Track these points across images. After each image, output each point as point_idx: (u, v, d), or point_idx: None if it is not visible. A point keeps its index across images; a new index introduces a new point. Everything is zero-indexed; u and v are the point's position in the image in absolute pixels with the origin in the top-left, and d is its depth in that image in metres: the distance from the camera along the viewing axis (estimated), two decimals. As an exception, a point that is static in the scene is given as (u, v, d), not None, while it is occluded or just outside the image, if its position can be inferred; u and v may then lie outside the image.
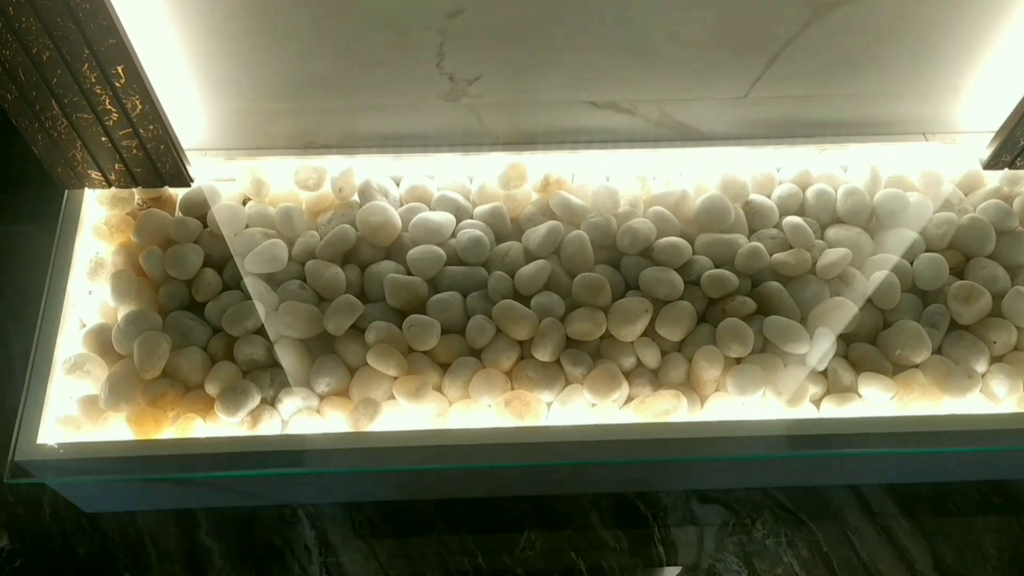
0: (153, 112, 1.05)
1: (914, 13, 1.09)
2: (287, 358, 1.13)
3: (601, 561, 1.22)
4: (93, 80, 0.99)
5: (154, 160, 1.14)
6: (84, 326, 1.17)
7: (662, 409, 1.09)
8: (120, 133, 1.08)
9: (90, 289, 1.19)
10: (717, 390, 1.14)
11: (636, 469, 1.21)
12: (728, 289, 1.18)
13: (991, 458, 1.22)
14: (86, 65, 0.97)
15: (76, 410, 1.10)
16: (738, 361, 1.15)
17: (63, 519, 1.23)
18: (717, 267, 1.21)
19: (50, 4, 0.88)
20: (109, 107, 1.03)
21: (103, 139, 1.09)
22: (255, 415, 1.08)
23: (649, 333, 1.17)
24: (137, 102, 1.03)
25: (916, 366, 1.15)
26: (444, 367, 1.15)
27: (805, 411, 1.11)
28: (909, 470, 1.26)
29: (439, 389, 1.14)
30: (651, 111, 1.23)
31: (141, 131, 1.08)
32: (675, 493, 1.27)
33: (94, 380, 1.11)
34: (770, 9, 1.07)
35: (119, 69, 0.98)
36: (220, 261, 1.21)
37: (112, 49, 0.95)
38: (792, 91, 1.21)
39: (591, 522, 1.25)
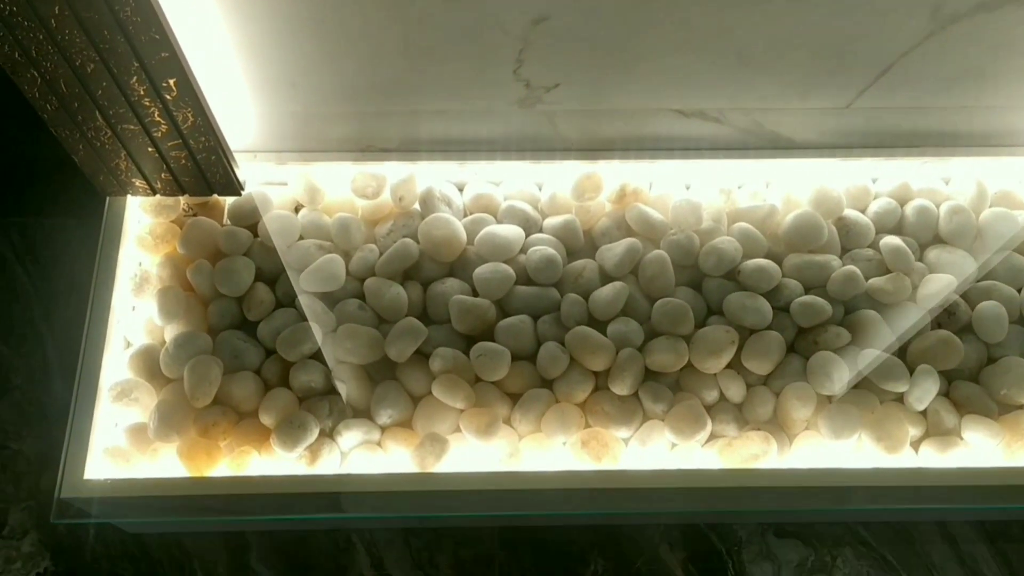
0: (205, 124, 0.96)
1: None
2: (346, 386, 1.06)
3: (671, 597, 1.16)
4: (142, 93, 0.90)
5: (203, 170, 1.05)
6: (129, 345, 1.10)
7: (751, 454, 1.02)
8: (169, 144, 0.99)
9: (134, 305, 1.11)
10: (807, 429, 1.06)
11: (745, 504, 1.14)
12: (821, 318, 1.08)
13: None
14: (135, 78, 0.88)
15: (124, 440, 1.03)
16: (830, 398, 1.07)
17: (108, 541, 1.17)
18: (807, 292, 1.12)
19: (96, 16, 0.78)
20: (158, 119, 0.94)
21: (149, 149, 1.00)
22: (314, 449, 1.02)
23: (734, 365, 1.08)
24: (189, 114, 0.94)
25: (1023, 407, 1.06)
26: (513, 397, 1.08)
27: (904, 458, 1.03)
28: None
29: (508, 422, 1.06)
30: (740, 119, 1.13)
31: (191, 142, 0.99)
32: (750, 526, 1.20)
33: (142, 407, 1.04)
34: (888, 20, 0.96)
35: (171, 82, 0.88)
36: (272, 275, 1.13)
37: (164, 63, 0.86)
38: (899, 103, 1.10)
39: (661, 555, 1.18)
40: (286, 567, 1.17)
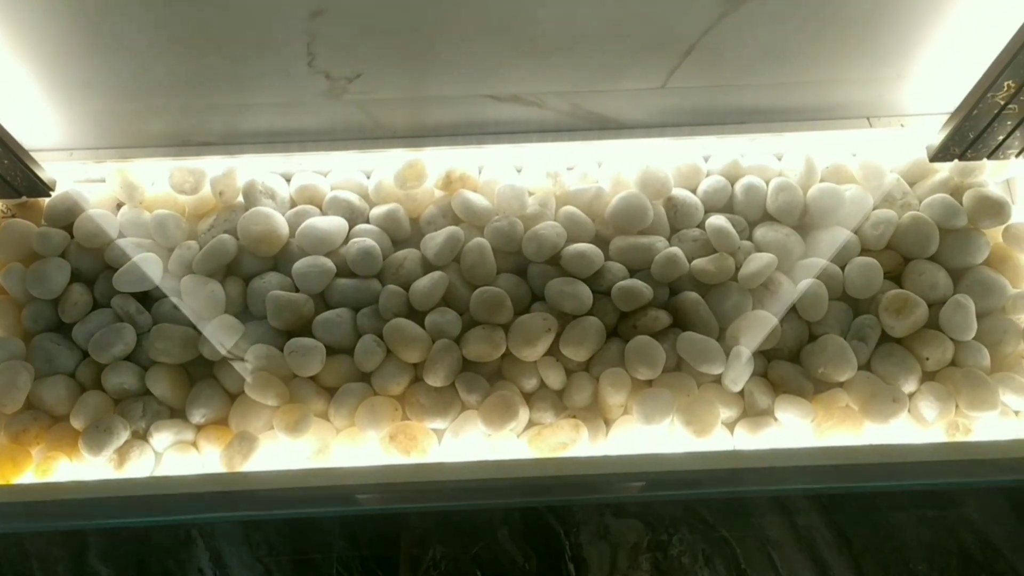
0: (-18, 129, 0.94)
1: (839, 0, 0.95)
2: (160, 386, 1.05)
3: (509, 581, 1.17)
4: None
5: (1, 173, 1.03)
6: (-55, 351, 1.09)
7: (559, 442, 1.02)
8: (-47, 150, 0.97)
9: (-50, 309, 1.10)
10: (625, 414, 1.06)
11: (554, 493, 1.14)
12: (641, 302, 1.08)
13: (920, 472, 1.14)
14: None
15: (-68, 449, 1.02)
16: (649, 383, 1.07)
17: (-54, 544, 1.18)
18: (632, 274, 1.11)
19: None
20: (-70, 126, 0.92)
21: (-64, 155, 0.98)
22: (122, 453, 1.01)
23: (554, 351, 1.08)
24: (-41, 121, 0.92)
25: (840, 385, 1.07)
26: (332, 392, 1.07)
27: (716, 440, 1.03)
28: (834, 482, 1.19)
29: (325, 417, 1.06)
30: (560, 103, 1.11)
31: (-25, 147, 0.97)
32: (589, 507, 1.21)
33: (-50, 416, 1.03)
34: (678, 3, 0.94)
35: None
36: (91, 276, 1.12)
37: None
38: (715, 80, 1.08)
39: (499, 539, 1.19)
40: (125, 564, 1.17)
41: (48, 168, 1.10)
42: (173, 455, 1.03)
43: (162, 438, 1.03)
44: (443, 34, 0.98)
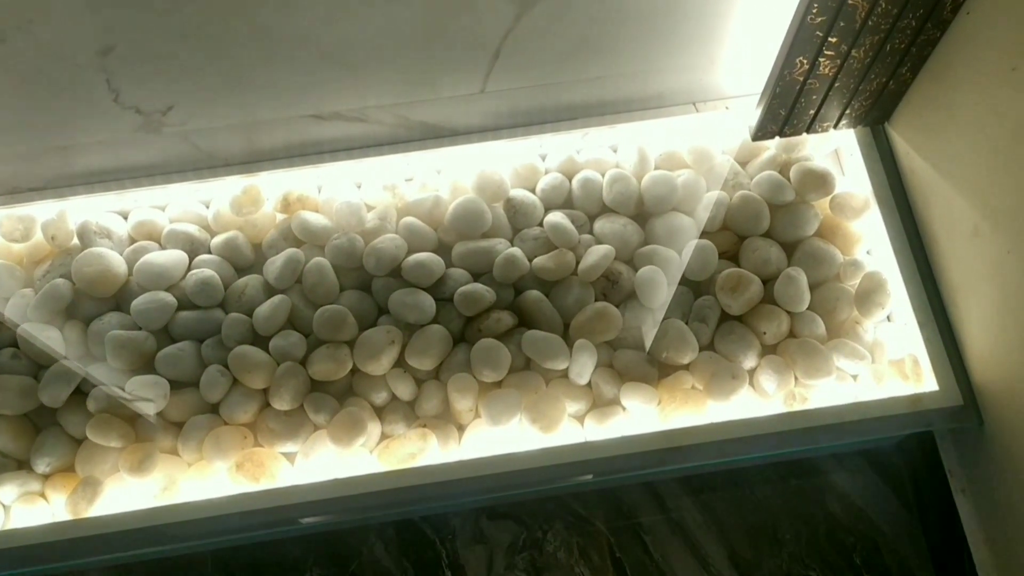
0: None
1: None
2: (2, 439, 1.04)
3: (388, 595, 1.17)
4: None
5: None
6: None
7: (407, 452, 1.02)
8: None
9: None
10: (476, 418, 1.07)
11: (408, 503, 1.15)
12: (482, 305, 1.09)
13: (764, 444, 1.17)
14: None
15: None
16: (499, 384, 1.08)
17: None
18: (476, 279, 1.12)
19: None
20: None
21: None
22: (-35, 511, 1.00)
23: (403, 363, 1.09)
24: None
25: (685, 367, 1.09)
26: (181, 426, 1.07)
27: (564, 434, 1.04)
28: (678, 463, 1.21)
29: (175, 452, 1.05)
30: (384, 116, 1.12)
31: None
32: (464, 512, 1.21)
33: None
34: (477, 7, 0.95)
35: None
36: (-74, 334, 1.10)
37: None
38: (532, 80, 1.10)
39: (376, 554, 1.19)
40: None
41: None
42: (20, 507, 1.02)
43: (8, 491, 1.01)
44: (248, 58, 0.98)
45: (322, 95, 1.06)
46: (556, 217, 1.14)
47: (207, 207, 1.19)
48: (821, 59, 0.99)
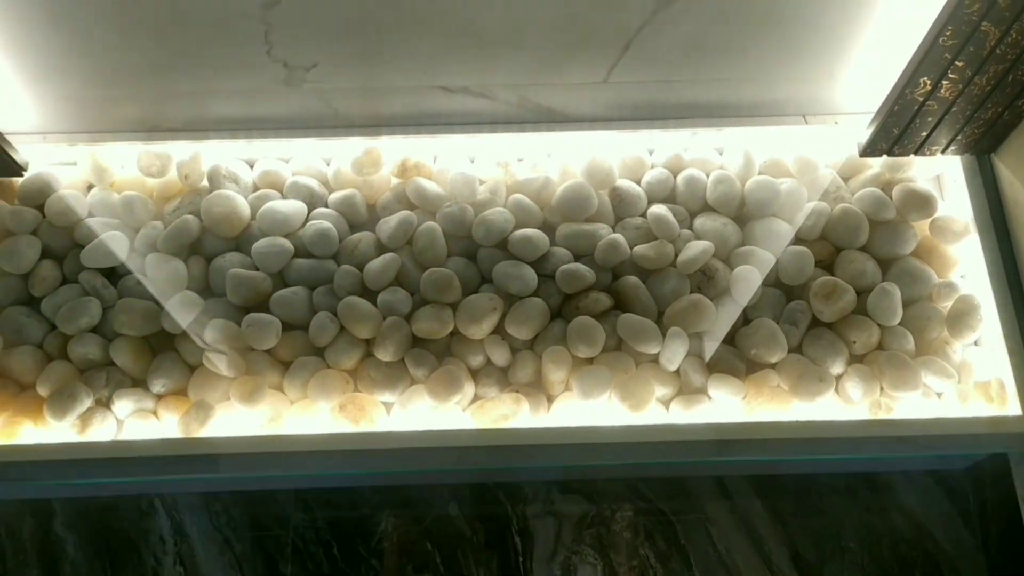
0: (-45, 108, 1.00)
1: (772, 1, 1.01)
2: (123, 357, 1.10)
3: (457, 552, 1.22)
4: None
5: (-25, 152, 1.09)
6: (-82, 322, 1.14)
7: (500, 414, 1.07)
8: (-71, 128, 1.03)
9: (-74, 283, 1.16)
10: (566, 390, 1.12)
11: (493, 462, 1.19)
12: (583, 284, 1.14)
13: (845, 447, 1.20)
14: None
15: (-97, 413, 1.07)
16: (590, 361, 1.12)
17: (-84, 509, 1.23)
18: (577, 260, 1.17)
19: None
20: (-94, 104, 0.98)
21: (-87, 133, 1.04)
22: (85, 418, 1.06)
23: (500, 331, 1.13)
24: (-66, 99, 0.98)
25: (772, 366, 1.12)
26: (288, 365, 1.12)
27: (650, 415, 1.08)
28: (766, 462, 1.24)
29: (280, 389, 1.11)
30: (509, 95, 1.17)
31: (-50, 126, 1.03)
32: (537, 483, 1.26)
33: (-80, 382, 1.08)
34: (613, -1, 1.00)
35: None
36: (61, 253, 1.17)
37: None
38: (655, 75, 1.14)
39: (449, 512, 1.24)
40: (90, 532, 1.22)
41: (22, 150, 1.16)
42: (134, 422, 1.08)
43: (123, 406, 1.08)
44: (394, 27, 1.04)
45: (455, 68, 1.12)
46: (660, 209, 1.18)
47: (328, 164, 1.25)
48: (944, 81, 1.02)
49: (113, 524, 1.22)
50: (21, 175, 1.16)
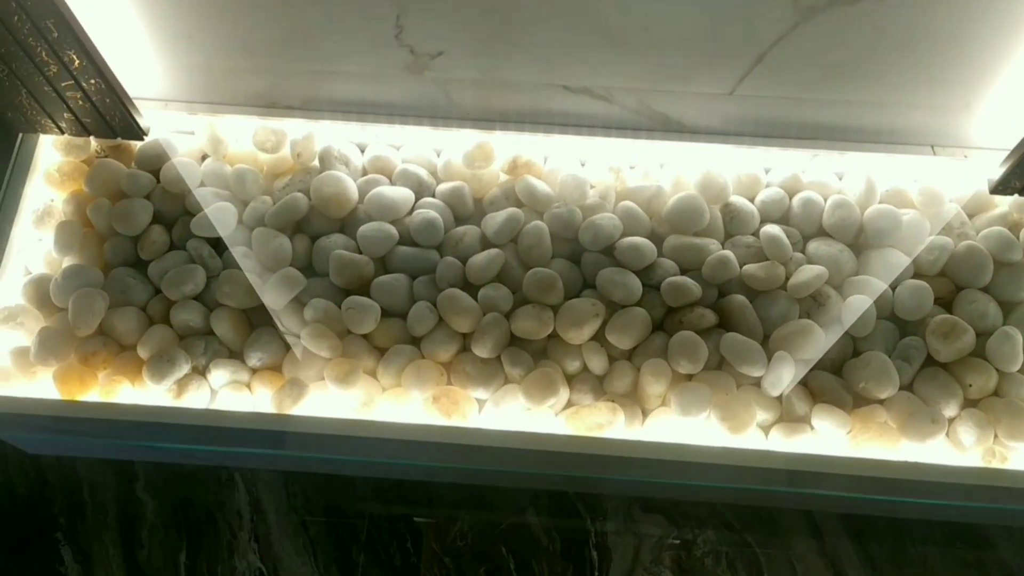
0: (92, 67, 1.01)
1: (915, 24, 0.97)
2: (222, 327, 1.11)
3: (531, 560, 1.19)
4: (26, 32, 0.95)
5: (102, 112, 1.10)
6: (30, 274, 1.16)
7: (595, 423, 1.04)
8: (63, 84, 1.05)
9: (40, 237, 1.18)
10: (662, 405, 1.09)
11: (584, 470, 1.17)
12: (688, 299, 1.11)
13: (952, 493, 1.14)
14: (16, 17, 0.93)
15: (8, 361, 1.09)
16: (690, 377, 1.09)
17: (7, 458, 1.25)
18: (683, 273, 1.14)
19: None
20: (46, 59, 1.00)
21: (46, 88, 1.06)
22: (182, 384, 1.07)
23: (599, 338, 1.11)
24: (73, 56, 0.99)
25: (880, 402, 1.08)
26: (383, 352, 1.12)
27: (749, 440, 1.05)
28: (865, 502, 1.19)
29: (373, 375, 1.11)
30: (629, 100, 1.15)
31: (83, 84, 1.05)
32: (618, 498, 1.23)
33: (27, 332, 1.10)
34: (756, 7, 0.97)
35: (48, 23, 0.94)
36: (171, 219, 1.19)
37: (40, 3, 0.91)
38: (783, 92, 1.11)
39: (527, 518, 1.22)
40: (169, 498, 1.23)
41: (145, 115, 1.18)
42: (228, 393, 1.08)
43: (219, 375, 1.08)
44: (525, 21, 1.02)
45: (580, 68, 1.10)
46: (773, 229, 1.15)
47: (438, 155, 1.24)
48: (1098, 119, 0.97)
49: (193, 493, 1.23)
50: (142, 139, 1.18)
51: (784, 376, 1.06)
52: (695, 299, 1.11)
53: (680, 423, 1.06)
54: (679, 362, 1.07)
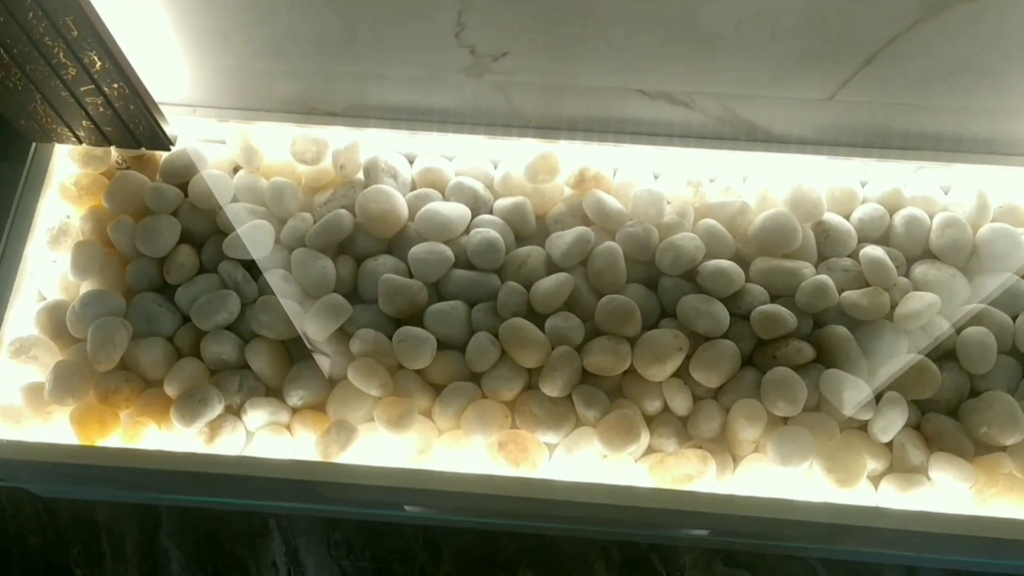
0: (115, 69, 0.89)
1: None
2: (259, 361, 0.99)
3: (600, 620, 1.07)
4: (42, 30, 0.83)
5: (124, 120, 0.99)
6: (44, 299, 1.05)
7: (684, 473, 0.92)
8: (82, 89, 0.93)
9: (55, 258, 1.06)
10: (755, 451, 0.96)
11: (671, 526, 1.04)
12: (783, 330, 0.98)
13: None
14: (30, 14, 0.81)
15: (19, 399, 0.98)
16: (785, 420, 0.96)
17: (19, 502, 1.13)
18: (773, 300, 1.01)
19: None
20: (64, 60, 0.88)
21: (63, 94, 0.94)
22: (214, 426, 0.95)
23: (682, 374, 0.98)
24: (95, 57, 0.88)
25: (1004, 449, 0.95)
26: (438, 389, 0.99)
27: (858, 493, 0.92)
28: (991, 558, 1.06)
29: (428, 415, 0.98)
30: (712, 105, 1.02)
31: (105, 88, 0.93)
32: (697, 550, 1.10)
33: (41, 366, 0.98)
34: (872, 2, 0.84)
35: (67, 20, 0.82)
36: (200, 238, 1.07)
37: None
38: (890, 97, 0.98)
39: (596, 572, 1.09)
40: (197, 547, 1.11)
41: (171, 123, 1.06)
42: (265, 435, 0.96)
43: (256, 416, 0.96)
44: (599, 16, 0.90)
45: (660, 71, 0.98)
46: (876, 251, 1.02)
47: (495, 167, 1.12)
48: None
49: (223, 542, 1.11)
50: (168, 149, 1.06)
51: (896, 419, 0.93)
52: (790, 330, 0.98)
53: (777, 473, 0.93)
54: (775, 403, 0.95)
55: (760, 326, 0.98)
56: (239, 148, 1.08)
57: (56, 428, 0.96)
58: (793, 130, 1.06)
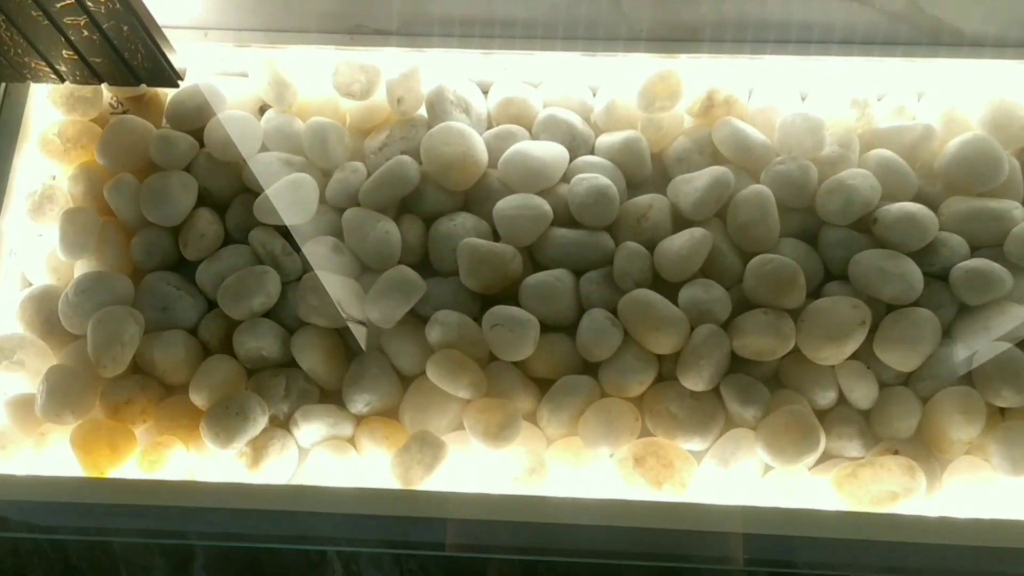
0: (99, -27, 0.65)
1: None
2: (309, 357, 0.76)
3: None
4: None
5: (118, 48, 0.75)
6: (30, 285, 0.82)
7: (886, 490, 0.69)
8: (58, 6, 0.69)
9: (40, 232, 0.83)
10: (967, 453, 0.73)
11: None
12: (996, 293, 0.75)
13: None
14: None
15: (3, 416, 0.76)
16: (1003, 413, 0.74)
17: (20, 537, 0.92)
18: (974, 252, 0.78)
19: None
20: (28, -38, 0.64)
21: (35, 14, 0.70)
22: (258, 445, 0.73)
23: (861, 355, 0.75)
24: (71, -43, 0.63)
25: None
26: (541, 385, 0.77)
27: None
28: None
29: (532, 420, 0.76)
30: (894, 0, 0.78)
31: (90, 5, 0.69)
32: (861, 566, 0.88)
33: (30, 374, 0.76)
34: None
35: None
36: (223, 199, 0.84)
37: None
38: None
39: (736, 601, 0.87)
40: (239, 583, 0.90)
41: (179, 51, 0.82)
42: (324, 453, 0.74)
43: (311, 429, 0.74)
44: None
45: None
46: (1110, 184, 0.78)
47: (593, 94, 0.88)
48: None
49: (270, 576, 0.90)
50: (176, 86, 0.82)
51: None
52: (1005, 292, 0.75)
53: (1003, 484, 0.70)
54: (999, 391, 0.72)
55: (966, 288, 0.75)
56: (266, 82, 0.84)
57: (53, 454, 0.75)
58: (990, 28, 0.81)
